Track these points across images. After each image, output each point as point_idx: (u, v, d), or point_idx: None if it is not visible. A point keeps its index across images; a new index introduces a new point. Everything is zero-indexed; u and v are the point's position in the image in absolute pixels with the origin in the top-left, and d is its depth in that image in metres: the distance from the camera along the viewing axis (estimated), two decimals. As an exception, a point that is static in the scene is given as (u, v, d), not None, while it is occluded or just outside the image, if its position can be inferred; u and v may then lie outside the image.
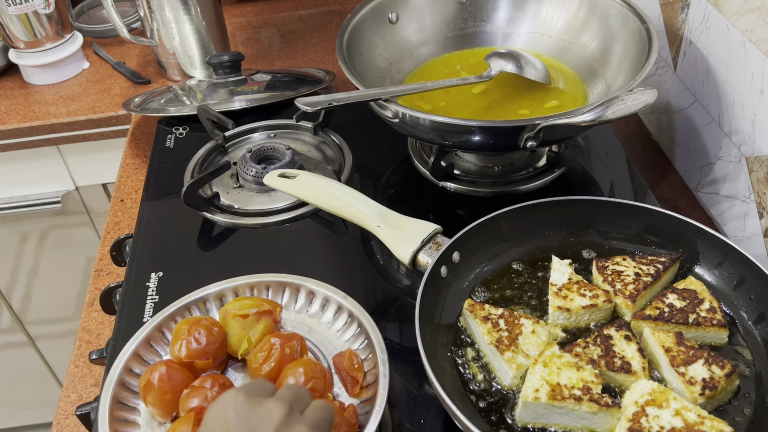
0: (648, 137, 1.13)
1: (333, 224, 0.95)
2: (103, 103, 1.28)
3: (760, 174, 0.84)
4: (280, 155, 1.03)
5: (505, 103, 0.99)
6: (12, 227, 1.44)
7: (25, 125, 1.25)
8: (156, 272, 0.88)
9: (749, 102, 0.84)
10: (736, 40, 0.84)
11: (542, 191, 0.97)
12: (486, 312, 0.71)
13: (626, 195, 0.97)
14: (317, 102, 0.83)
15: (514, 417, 0.65)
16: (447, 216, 0.93)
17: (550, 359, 0.65)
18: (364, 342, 0.70)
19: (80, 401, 0.81)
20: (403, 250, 0.76)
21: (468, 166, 1.01)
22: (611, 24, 1.00)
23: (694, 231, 0.76)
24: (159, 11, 1.21)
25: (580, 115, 0.77)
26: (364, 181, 1.02)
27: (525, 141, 0.81)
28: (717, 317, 0.69)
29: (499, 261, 0.80)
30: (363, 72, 0.98)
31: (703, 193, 0.98)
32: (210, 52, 1.27)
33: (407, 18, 1.08)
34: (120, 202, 1.07)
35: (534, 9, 1.09)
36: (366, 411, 0.64)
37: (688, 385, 0.63)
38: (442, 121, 0.81)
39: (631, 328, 0.70)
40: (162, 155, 1.10)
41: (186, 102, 1.16)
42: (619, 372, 0.65)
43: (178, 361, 0.67)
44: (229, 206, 0.98)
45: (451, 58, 1.10)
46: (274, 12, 1.55)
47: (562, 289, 0.73)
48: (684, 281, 0.74)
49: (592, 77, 1.01)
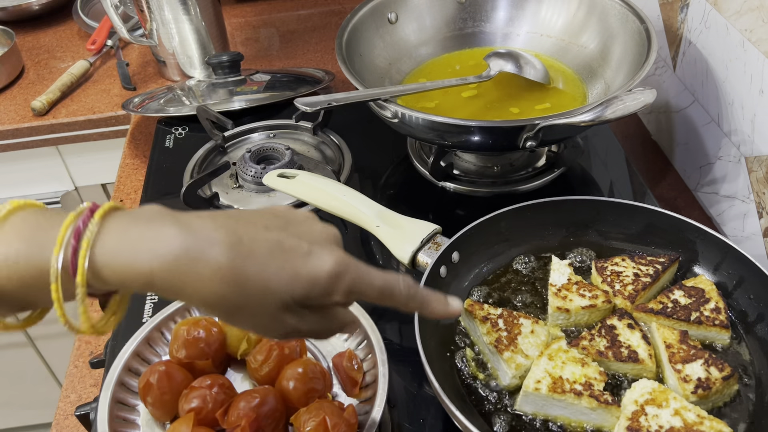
0: (647, 137, 1.13)
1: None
2: (103, 104, 1.28)
3: (759, 174, 0.84)
4: (279, 155, 1.03)
5: (504, 104, 0.99)
6: (11, 227, 1.44)
7: (25, 125, 1.25)
8: (155, 272, 0.88)
9: (748, 102, 0.84)
10: (735, 40, 0.84)
11: (541, 191, 0.97)
12: (485, 312, 0.71)
13: (625, 195, 0.97)
14: (316, 102, 0.83)
15: (514, 405, 0.65)
16: (446, 216, 0.93)
17: (556, 353, 0.65)
18: (363, 342, 0.70)
19: (80, 401, 0.81)
20: (402, 250, 0.76)
21: (467, 166, 1.01)
22: (610, 24, 1.00)
23: (693, 231, 0.76)
24: (158, 11, 1.21)
25: (580, 115, 0.77)
26: (364, 181, 1.02)
27: (524, 141, 0.81)
28: (720, 318, 0.69)
29: (499, 261, 0.80)
30: (362, 72, 0.98)
31: (702, 193, 0.98)
32: (209, 53, 1.27)
33: (406, 18, 1.08)
34: (119, 203, 1.07)
35: (533, 9, 1.09)
36: (365, 411, 0.64)
37: (681, 382, 0.63)
38: (441, 121, 0.81)
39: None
40: (161, 155, 1.10)
41: (185, 102, 1.16)
42: (627, 362, 0.66)
43: (177, 362, 0.67)
44: (229, 206, 0.98)
45: (451, 58, 1.10)
46: (273, 12, 1.55)
47: (561, 289, 0.73)
48: (694, 279, 0.74)
49: (592, 77, 1.01)
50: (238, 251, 0.42)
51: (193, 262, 0.41)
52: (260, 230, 0.44)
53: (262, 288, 0.43)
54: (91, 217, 0.42)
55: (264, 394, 0.62)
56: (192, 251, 0.41)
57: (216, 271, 0.41)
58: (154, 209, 0.43)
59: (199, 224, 0.42)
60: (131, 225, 0.42)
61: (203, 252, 0.41)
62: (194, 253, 0.41)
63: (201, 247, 0.41)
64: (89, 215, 0.42)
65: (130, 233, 0.42)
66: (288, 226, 0.46)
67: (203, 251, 0.41)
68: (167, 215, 0.43)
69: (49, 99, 1.25)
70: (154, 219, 0.42)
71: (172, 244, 0.41)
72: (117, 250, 0.41)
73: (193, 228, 0.42)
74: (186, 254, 0.41)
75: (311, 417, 0.60)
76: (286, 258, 0.44)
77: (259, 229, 0.44)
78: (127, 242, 0.41)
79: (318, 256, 0.45)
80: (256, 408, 0.61)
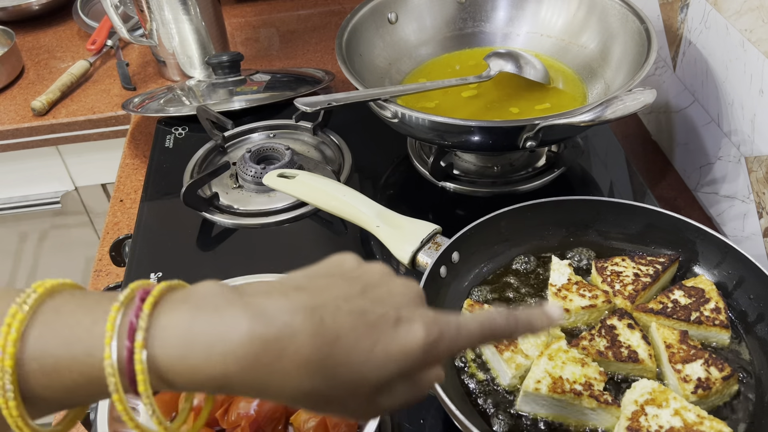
0: (647, 137, 1.13)
1: (332, 224, 0.95)
2: (103, 104, 1.28)
3: (759, 174, 0.84)
4: (279, 155, 1.03)
5: (504, 104, 0.99)
6: (11, 227, 1.44)
7: (25, 125, 1.25)
8: (155, 272, 0.88)
9: (748, 102, 0.84)
10: (735, 40, 0.84)
11: (541, 191, 0.97)
12: (485, 312, 0.71)
13: (625, 195, 0.97)
14: (316, 102, 0.83)
15: (514, 406, 0.65)
16: (446, 216, 0.93)
17: (556, 353, 0.65)
18: (363, 342, 0.70)
19: (79, 401, 0.81)
20: (402, 251, 0.76)
21: (467, 166, 1.01)
22: (610, 24, 1.00)
23: (693, 231, 0.76)
24: (158, 11, 1.21)
25: (580, 115, 0.77)
26: (364, 181, 1.02)
27: (524, 141, 0.81)
28: (720, 318, 0.69)
29: (499, 261, 0.80)
30: (362, 72, 0.98)
31: (702, 193, 0.98)
32: (209, 53, 1.27)
33: (406, 18, 1.08)
34: (119, 203, 1.07)
35: (533, 9, 1.09)
36: (365, 411, 0.63)
37: (682, 382, 0.63)
38: (441, 121, 0.81)
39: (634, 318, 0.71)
40: (161, 155, 1.10)
41: (185, 102, 1.16)
42: (628, 362, 0.66)
43: (177, 362, 0.66)
44: (229, 206, 0.98)
45: (451, 58, 1.10)
46: (273, 12, 1.55)
47: (561, 289, 0.73)
48: (694, 279, 0.74)
49: (592, 77, 1.01)
50: (323, 338, 0.37)
51: (275, 359, 0.36)
52: (339, 302, 0.39)
53: (352, 376, 0.38)
54: (142, 307, 0.36)
55: (264, 394, 0.62)
56: (272, 346, 0.36)
57: (301, 365, 0.36)
58: (213, 290, 0.38)
59: (273, 307, 0.37)
60: (194, 317, 0.37)
61: (285, 345, 0.36)
62: (275, 349, 0.36)
63: (282, 339, 0.36)
64: (140, 306, 0.36)
65: (194, 328, 0.36)
66: (366, 291, 0.41)
67: (285, 344, 0.36)
68: (233, 299, 0.37)
69: (49, 99, 1.25)
70: (219, 306, 0.37)
71: (248, 341, 0.36)
72: (182, 351, 0.36)
73: (268, 313, 0.37)
74: (266, 351, 0.36)
75: (311, 417, 0.60)
76: (373, 335, 0.39)
77: (338, 302, 0.39)
78: (193, 341, 0.36)
79: (407, 325, 0.40)
80: (256, 408, 0.61)
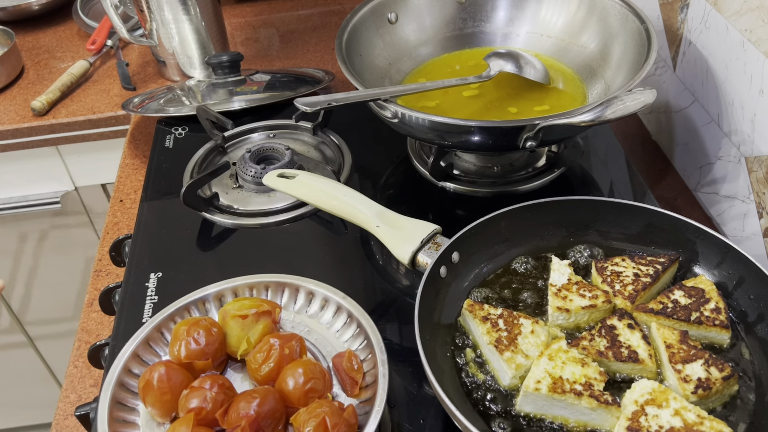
0: (647, 137, 1.13)
1: (332, 224, 0.95)
2: (103, 104, 1.28)
3: (759, 174, 0.84)
4: (279, 155, 1.03)
5: (504, 104, 0.99)
6: (11, 227, 1.44)
7: (25, 125, 1.25)
8: (155, 272, 0.88)
9: (748, 102, 0.84)
10: (735, 40, 0.84)
11: (542, 191, 0.97)
12: (485, 312, 0.71)
13: (626, 195, 0.97)
14: (316, 102, 0.83)
15: (514, 406, 0.65)
16: (446, 216, 0.93)
17: (556, 353, 0.65)
18: (363, 342, 0.70)
19: (79, 402, 0.81)
20: (402, 251, 0.76)
21: (467, 166, 1.01)
22: (610, 24, 1.00)
23: (693, 231, 0.76)
24: (158, 11, 1.21)
25: (580, 115, 0.77)
26: (364, 182, 1.02)
27: (524, 141, 0.81)
28: (720, 318, 0.69)
29: (499, 261, 0.80)
30: (362, 72, 0.98)
31: (702, 193, 0.98)
32: (209, 53, 1.27)
33: (406, 18, 1.08)
34: (119, 203, 1.07)
35: (533, 9, 1.09)
36: (365, 411, 0.64)
37: (682, 382, 0.63)
38: (441, 121, 0.81)
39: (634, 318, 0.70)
40: (161, 155, 1.10)
41: (185, 102, 1.16)
42: (628, 362, 0.66)
43: (177, 362, 0.67)
44: (229, 206, 0.98)
45: (451, 58, 1.10)
46: (273, 12, 1.55)
47: (561, 289, 0.73)
48: (694, 279, 0.74)
49: (592, 77, 1.01)
50: None
51: None
52: None
53: None
54: None
55: (264, 394, 0.62)
56: None
57: None
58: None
59: None
60: None
61: None
62: None
63: None
64: None
65: None
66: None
67: None
68: None
69: (49, 99, 1.25)
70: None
71: None
72: None
73: None
74: None
75: (311, 417, 0.60)
76: None
77: None
78: None
79: None
80: (256, 408, 0.61)
